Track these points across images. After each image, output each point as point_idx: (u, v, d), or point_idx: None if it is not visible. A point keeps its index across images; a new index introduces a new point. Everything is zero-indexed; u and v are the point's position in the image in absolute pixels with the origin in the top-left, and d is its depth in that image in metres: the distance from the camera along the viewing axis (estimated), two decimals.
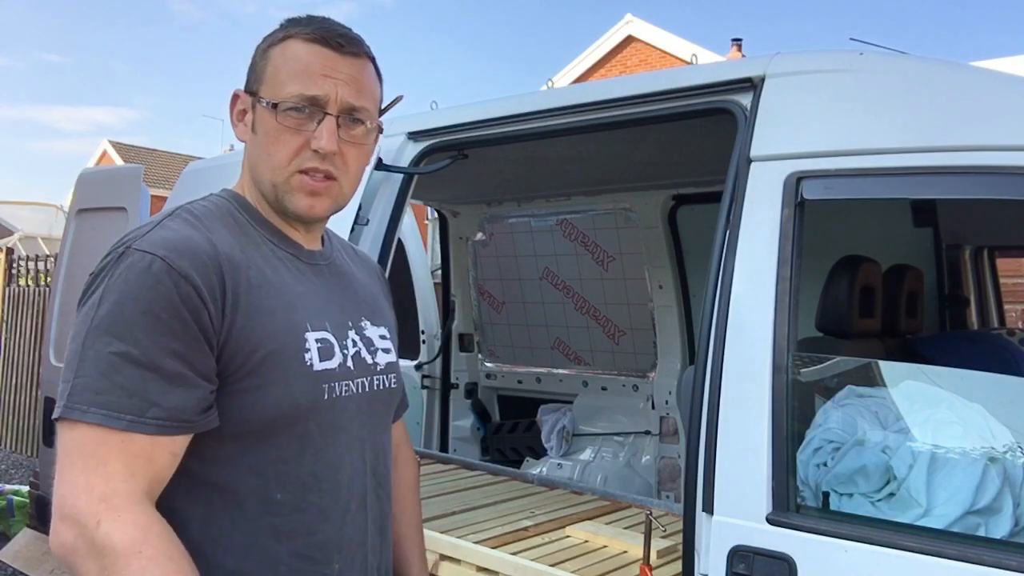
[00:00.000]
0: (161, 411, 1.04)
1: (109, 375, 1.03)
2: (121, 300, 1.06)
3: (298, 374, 1.16)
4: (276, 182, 1.21)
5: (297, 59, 1.20)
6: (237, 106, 1.26)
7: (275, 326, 1.15)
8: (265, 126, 1.21)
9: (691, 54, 13.99)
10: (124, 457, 1.02)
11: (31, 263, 8.93)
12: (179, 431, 1.07)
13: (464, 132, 2.52)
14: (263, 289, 1.16)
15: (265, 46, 1.24)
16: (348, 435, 1.24)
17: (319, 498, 1.19)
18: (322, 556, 1.20)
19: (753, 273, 1.71)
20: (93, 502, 1.00)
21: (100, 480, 1.01)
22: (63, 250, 3.95)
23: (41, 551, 4.05)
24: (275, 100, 1.19)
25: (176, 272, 1.07)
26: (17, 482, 6.68)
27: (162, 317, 1.05)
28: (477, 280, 4.49)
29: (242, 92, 1.26)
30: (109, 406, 1.02)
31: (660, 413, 3.90)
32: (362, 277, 1.41)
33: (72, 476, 1.02)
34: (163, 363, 1.05)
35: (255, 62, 1.25)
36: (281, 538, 1.16)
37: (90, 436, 1.02)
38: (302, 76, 1.19)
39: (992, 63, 6.63)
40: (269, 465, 1.15)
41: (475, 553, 2.23)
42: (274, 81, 1.20)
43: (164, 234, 1.12)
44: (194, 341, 1.07)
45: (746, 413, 1.66)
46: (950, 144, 1.58)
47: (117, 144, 26.02)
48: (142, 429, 1.03)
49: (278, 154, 1.20)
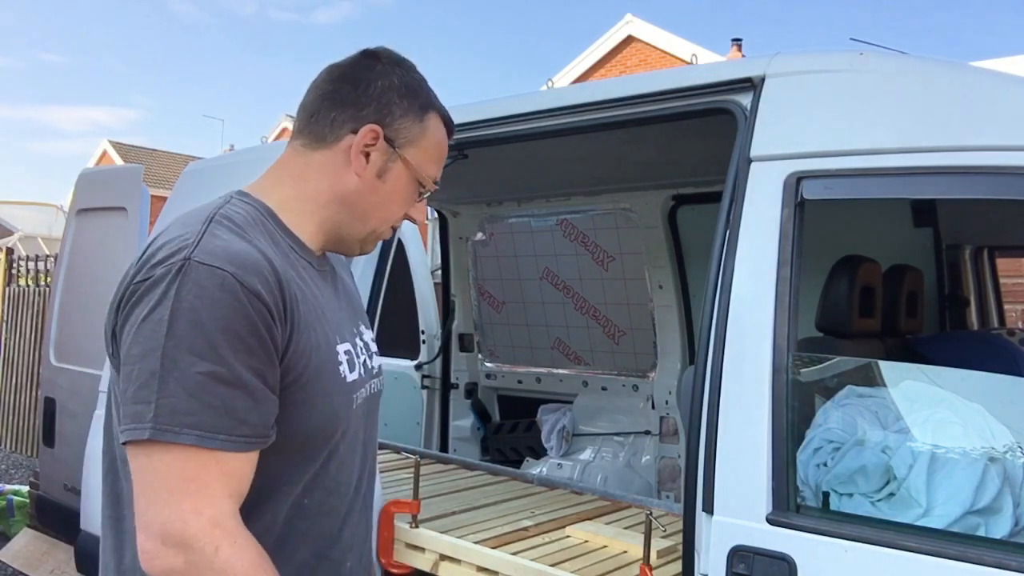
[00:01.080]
0: (249, 428, 1.06)
1: (198, 395, 1.03)
2: (198, 318, 1.04)
3: (337, 387, 1.20)
4: (378, 231, 1.32)
5: (441, 145, 1.34)
6: (367, 139, 1.25)
7: (317, 340, 1.17)
8: (401, 186, 1.30)
9: (691, 54, 14.01)
10: (222, 478, 1.04)
11: (31, 263, 8.92)
12: (262, 445, 1.09)
13: (464, 132, 2.52)
14: (305, 302, 1.18)
15: (418, 108, 1.29)
16: (358, 440, 1.29)
17: (337, 501, 1.24)
18: (340, 556, 1.25)
19: (753, 273, 1.71)
20: (206, 527, 1.01)
21: (206, 504, 1.02)
22: (63, 250, 3.95)
23: (41, 551, 4.05)
24: (423, 177, 1.31)
25: (248, 289, 1.07)
26: (17, 482, 6.68)
27: (241, 334, 1.06)
28: (477, 280, 4.49)
29: (380, 133, 1.26)
30: (202, 427, 1.03)
31: (660, 413, 3.89)
32: (346, 279, 1.45)
33: (174, 500, 1.02)
34: (248, 380, 1.06)
35: (405, 115, 1.28)
36: (307, 541, 1.20)
37: (186, 458, 1.03)
38: (438, 163, 1.35)
39: (992, 63, 6.63)
40: (304, 473, 1.18)
41: (475, 553, 2.23)
42: (424, 154, 1.30)
43: (220, 244, 1.10)
44: (268, 356, 1.09)
45: (746, 413, 1.66)
46: (950, 144, 1.58)
47: (117, 144, 26.04)
48: (234, 447, 1.05)
49: (395, 211, 1.32)
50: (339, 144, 1.26)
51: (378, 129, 1.25)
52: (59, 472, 3.82)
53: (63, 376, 3.83)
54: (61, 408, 3.85)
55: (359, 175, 1.26)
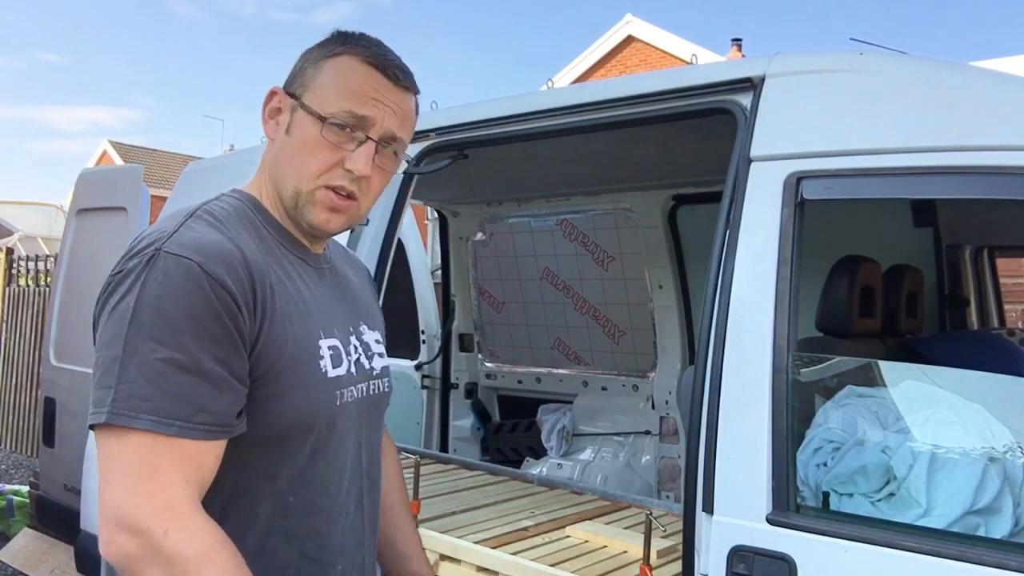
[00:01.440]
0: (209, 416, 1.05)
1: (157, 381, 1.02)
2: (161, 306, 1.04)
3: (315, 381, 1.18)
4: (300, 190, 1.21)
5: (351, 77, 1.20)
6: (272, 103, 1.24)
7: (295, 332, 1.16)
8: (304, 133, 1.20)
9: (691, 54, 13.99)
10: (178, 464, 1.03)
11: (31, 263, 8.93)
12: (224, 435, 1.08)
13: (464, 132, 2.52)
14: (283, 295, 1.17)
15: (319, 55, 1.23)
16: (350, 440, 1.26)
17: (326, 502, 1.22)
18: (328, 558, 1.23)
19: (753, 273, 1.71)
20: (157, 511, 1.00)
21: (159, 488, 1.01)
22: (63, 250, 3.95)
23: (41, 551, 4.05)
24: (323, 112, 1.18)
25: (213, 277, 1.07)
26: (17, 482, 6.68)
27: (204, 322, 1.05)
28: (477, 280, 4.49)
29: (281, 91, 1.24)
30: (159, 412, 1.02)
31: (660, 413, 3.90)
32: (356, 280, 1.43)
33: (128, 484, 1.01)
34: (208, 367, 1.05)
35: (303, 68, 1.23)
36: (292, 540, 1.18)
37: (142, 443, 1.02)
38: (354, 95, 1.19)
39: (992, 63, 6.63)
40: (284, 470, 1.17)
41: (475, 553, 2.23)
42: (323, 92, 1.20)
43: (192, 236, 1.10)
44: (233, 345, 1.08)
45: (746, 413, 1.66)
46: (950, 144, 1.58)
47: (117, 144, 26.04)
48: (192, 435, 1.04)
49: (311, 164, 1.20)
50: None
51: (278, 89, 1.24)
52: (59, 472, 3.82)
53: (63, 376, 3.83)
54: (61, 408, 3.85)
55: (272, 138, 1.24)
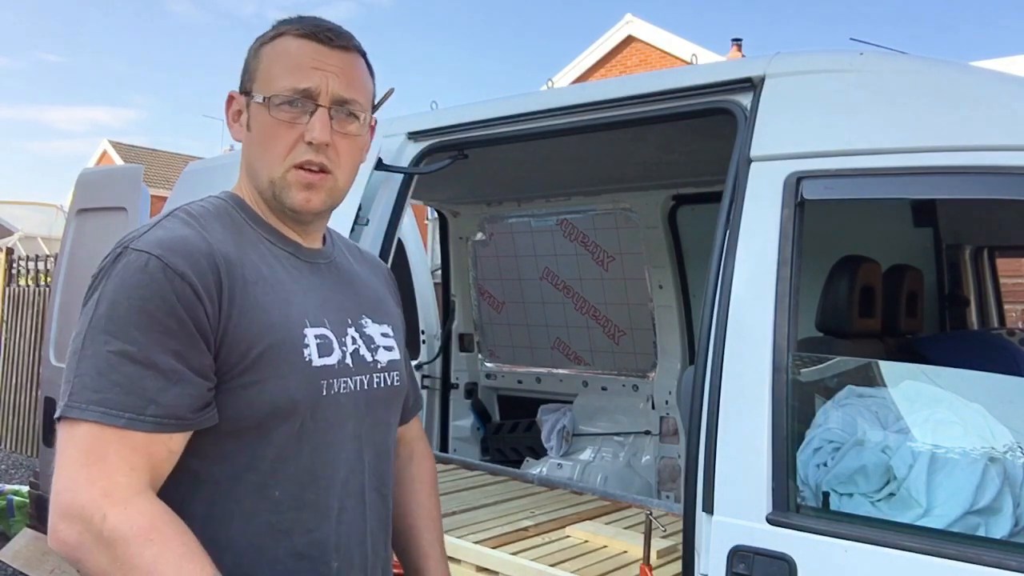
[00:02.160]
0: (159, 408, 1.05)
1: (107, 374, 1.03)
2: (116, 299, 1.06)
3: (295, 369, 1.16)
4: (273, 178, 1.22)
5: (288, 54, 1.22)
6: (232, 107, 1.28)
7: (271, 321, 1.15)
8: (259, 122, 1.22)
9: (691, 54, 13.99)
10: (123, 452, 1.03)
11: (31, 263, 8.93)
12: (177, 428, 1.07)
13: (464, 132, 2.52)
14: (258, 285, 1.16)
15: (257, 46, 1.26)
16: (345, 432, 1.24)
17: (316, 496, 1.20)
18: (320, 554, 1.20)
19: (753, 273, 1.71)
20: (96, 497, 1.00)
21: (101, 475, 1.01)
22: (63, 250, 3.95)
23: (41, 551, 4.05)
24: (267, 95, 1.20)
25: (171, 270, 1.07)
26: (17, 482, 6.68)
27: (157, 315, 1.06)
28: (477, 280, 4.49)
29: (236, 93, 1.27)
30: (107, 404, 1.03)
31: (660, 413, 3.90)
32: (366, 276, 1.42)
33: (71, 472, 1.02)
34: (160, 360, 1.05)
35: (247, 62, 1.27)
36: (279, 536, 1.16)
37: (88, 433, 1.02)
38: (293, 70, 1.20)
39: (992, 63, 6.63)
40: (267, 462, 1.15)
41: (475, 553, 2.23)
42: (266, 78, 1.22)
43: (160, 234, 1.13)
44: (190, 339, 1.08)
45: (746, 413, 1.66)
46: (950, 144, 1.58)
47: (117, 144, 26.02)
48: (140, 427, 1.04)
49: (274, 149, 1.21)
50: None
51: (233, 92, 1.27)
52: None
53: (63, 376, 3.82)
54: None
55: (240, 139, 1.27)
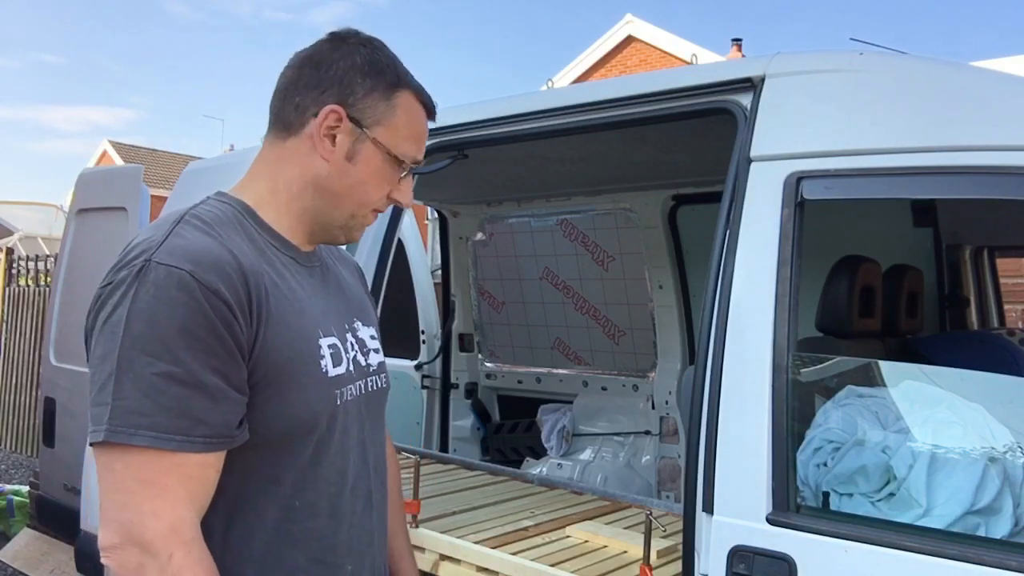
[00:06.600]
0: (208, 428, 1.05)
1: (154, 396, 1.02)
2: (153, 319, 1.03)
3: (314, 381, 1.17)
4: (356, 215, 1.27)
5: (417, 122, 1.28)
6: (329, 121, 1.21)
7: (291, 334, 1.16)
8: (372, 167, 1.25)
9: (691, 54, 14.01)
10: (181, 480, 1.04)
11: (31, 263, 8.93)
12: (224, 446, 1.08)
13: (464, 132, 2.52)
14: (278, 297, 1.16)
15: (385, 88, 1.23)
16: (352, 438, 1.26)
17: (330, 503, 1.21)
18: (335, 559, 1.22)
19: (753, 273, 1.71)
20: (164, 532, 1.01)
21: (166, 508, 1.02)
22: (63, 250, 3.95)
23: (41, 551, 4.05)
24: (396, 152, 1.25)
25: (206, 287, 1.06)
26: (17, 482, 6.68)
27: (199, 334, 1.04)
28: (477, 280, 4.49)
29: (343, 114, 1.22)
30: (157, 428, 1.02)
31: (660, 413, 3.90)
32: (349, 278, 1.43)
33: (134, 503, 1.02)
34: (205, 380, 1.04)
35: (370, 96, 1.22)
36: (299, 544, 1.18)
37: (143, 460, 1.02)
38: (417, 141, 1.28)
39: (992, 63, 6.63)
40: (287, 473, 1.16)
41: (475, 553, 2.23)
42: (396, 133, 1.25)
43: (182, 244, 1.09)
44: (229, 355, 1.07)
45: (746, 413, 1.66)
46: (950, 144, 1.58)
47: (117, 144, 26.02)
48: (192, 448, 1.04)
49: (373, 194, 1.26)
50: (304, 130, 1.22)
51: (340, 110, 1.21)
52: (59, 472, 3.83)
53: (63, 376, 3.83)
54: (61, 408, 3.86)
55: (327, 159, 1.22)
